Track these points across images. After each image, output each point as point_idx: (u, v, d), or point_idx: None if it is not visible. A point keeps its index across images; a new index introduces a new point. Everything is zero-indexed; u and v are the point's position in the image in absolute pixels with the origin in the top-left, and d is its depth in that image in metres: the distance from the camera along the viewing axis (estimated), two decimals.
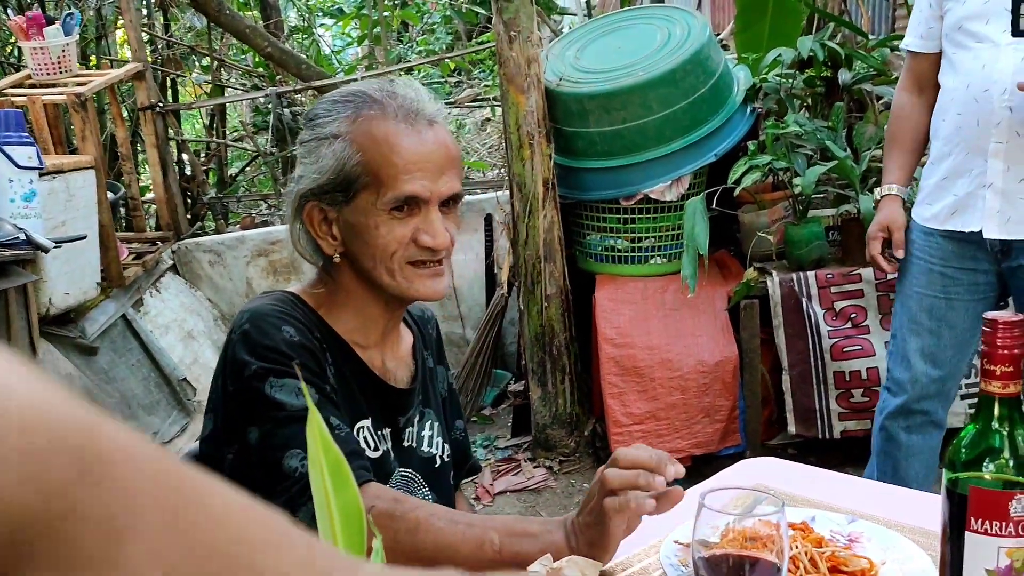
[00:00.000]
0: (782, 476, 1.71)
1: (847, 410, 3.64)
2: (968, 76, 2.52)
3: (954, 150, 2.59)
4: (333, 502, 0.72)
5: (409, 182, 1.44)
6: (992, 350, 1.06)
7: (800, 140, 3.69)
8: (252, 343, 1.42)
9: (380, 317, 1.55)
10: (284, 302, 1.51)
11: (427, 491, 1.60)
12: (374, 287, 1.51)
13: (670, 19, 3.96)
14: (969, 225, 2.58)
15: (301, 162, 1.51)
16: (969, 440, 1.09)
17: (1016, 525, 1.05)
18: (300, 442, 1.35)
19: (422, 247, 1.47)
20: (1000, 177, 2.51)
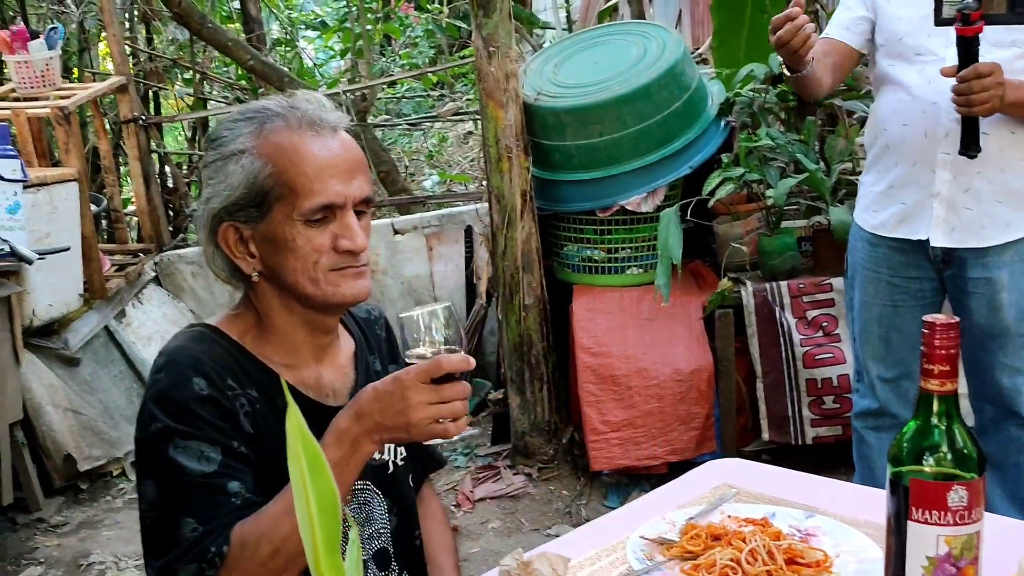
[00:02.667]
0: (747, 476, 1.77)
1: (819, 416, 3.72)
2: (913, 89, 2.60)
3: (900, 160, 2.67)
4: (311, 491, 0.76)
5: (323, 191, 1.44)
6: (931, 350, 1.13)
7: (773, 153, 3.77)
8: (161, 396, 1.42)
9: (307, 338, 1.54)
10: (202, 341, 1.49)
11: (382, 498, 1.61)
12: (297, 302, 1.50)
13: (646, 35, 4.04)
14: (916, 233, 2.66)
15: (207, 183, 1.48)
16: (910, 436, 1.16)
17: (954, 514, 1.12)
18: (195, 510, 1.38)
19: (342, 252, 1.47)
20: (947, 187, 2.59)
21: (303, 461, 0.79)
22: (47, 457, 4.17)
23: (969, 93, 2.39)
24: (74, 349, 4.39)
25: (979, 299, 2.65)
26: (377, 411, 1.37)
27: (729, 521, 1.51)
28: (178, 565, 1.37)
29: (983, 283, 2.63)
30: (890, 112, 2.68)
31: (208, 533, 1.37)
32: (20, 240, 3.81)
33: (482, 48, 3.96)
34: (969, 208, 2.60)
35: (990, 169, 2.57)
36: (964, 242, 2.62)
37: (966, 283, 2.66)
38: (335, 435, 1.38)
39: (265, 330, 1.53)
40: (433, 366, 1.36)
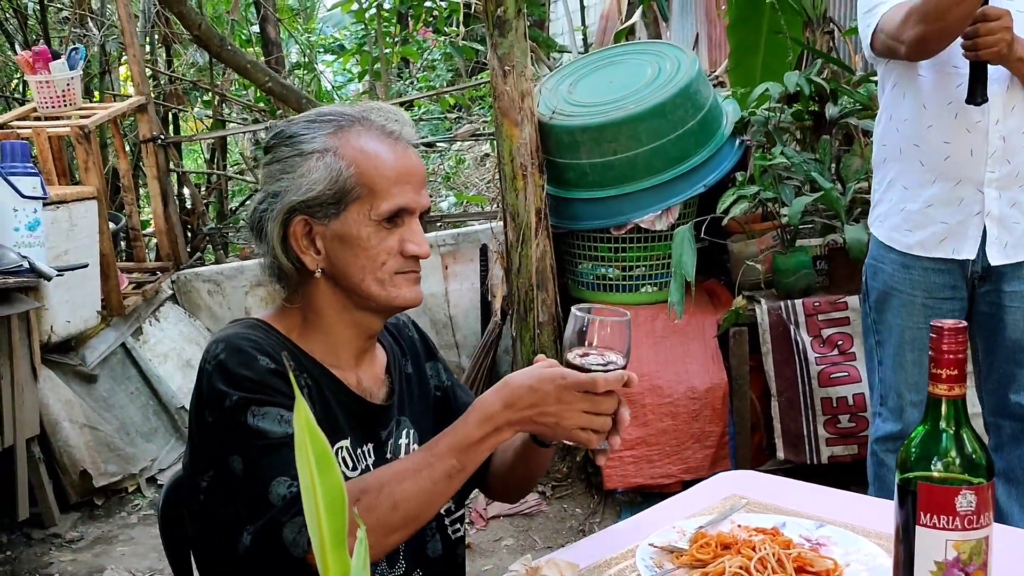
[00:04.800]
0: (757, 487, 1.77)
1: (834, 435, 3.70)
2: (954, 105, 2.53)
3: (939, 178, 2.60)
4: (319, 486, 0.77)
5: (400, 195, 1.50)
6: (939, 355, 1.13)
7: (788, 172, 3.77)
8: (229, 373, 1.43)
9: (353, 339, 1.57)
10: (255, 329, 1.52)
11: None
12: (353, 303, 1.53)
13: (660, 55, 4.07)
14: (961, 253, 2.61)
15: (278, 178, 1.52)
16: (919, 440, 1.16)
17: (962, 519, 1.12)
18: (286, 469, 1.38)
19: (408, 257, 1.52)
20: (995, 204, 2.56)
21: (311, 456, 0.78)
22: (63, 473, 4.19)
23: (975, 36, 2.34)
24: (91, 365, 4.42)
25: (1015, 312, 2.62)
26: (528, 405, 1.40)
27: (739, 530, 1.50)
28: (283, 519, 1.35)
29: (1020, 296, 2.61)
30: (925, 128, 2.60)
31: None
32: (39, 257, 3.85)
33: (497, 67, 3.99)
34: (1017, 223, 2.58)
35: None
36: (1016, 257, 2.59)
37: (1002, 297, 2.63)
38: (481, 415, 1.41)
39: (311, 328, 1.56)
40: (590, 382, 1.39)
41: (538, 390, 1.40)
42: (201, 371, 1.48)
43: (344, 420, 1.54)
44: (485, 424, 1.40)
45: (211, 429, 1.45)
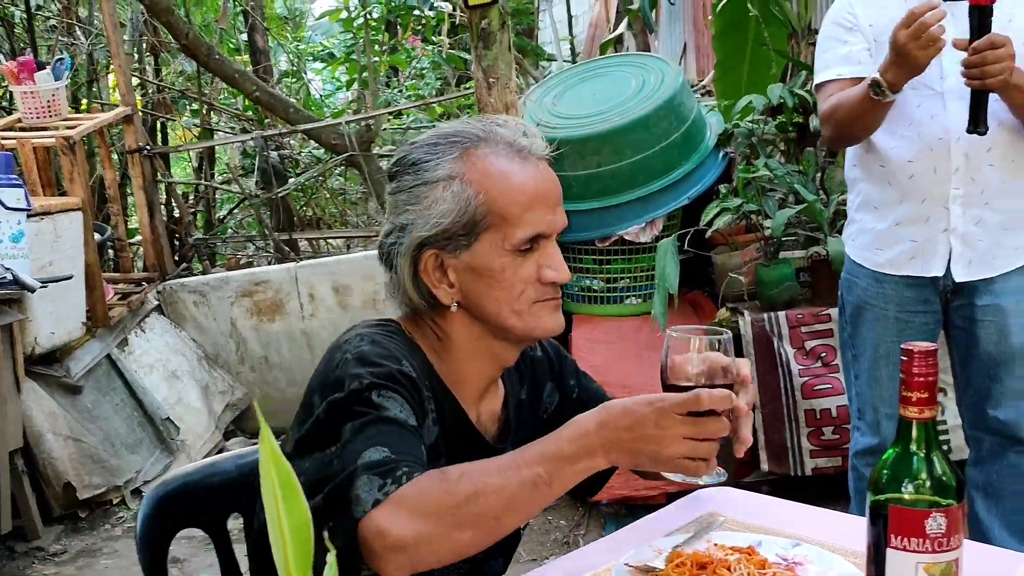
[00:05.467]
0: (735, 504, 1.77)
1: (818, 447, 3.71)
2: (918, 125, 2.57)
3: (906, 197, 2.63)
4: (284, 515, 0.76)
5: (534, 220, 1.41)
6: (909, 378, 1.14)
7: (771, 184, 3.79)
8: (368, 361, 1.37)
9: (486, 371, 1.51)
10: (397, 335, 1.46)
11: None
12: (491, 334, 1.47)
13: (645, 67, 4.08)
14: (929, 270, 2.63)
15: (405, 209, 1.44)
16: (890, 463, 1.16)
17: (932, 541, 1.12)
18: (390, 443, 1.30)
19: (546, 283, 1.44)
20: (960, 221, 2.59)
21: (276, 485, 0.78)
22: (47, 485, 4.17)
23: (983, 64, 2.35)
24: (76, 377, 4.41)
25: (988, 326, 2.64)
26: (624, 428, 1.28)
27: (715, 549, 1.51)
28: (360, 474, 1.27)
29: (992, 310, 2.63)
30: (890, 148, 2.63)
31: (399, 459, 1.29)
32: (23, 268, 3.84)
33: (482, 79, 4.00)
34: (982, 240, 2.60)
35: (995, 199, 2.58)
36: (981, 273, 2.62)
37: (975, 311, 2.65)
38: (575, 431, 1.31)
39: (447, 353, 1.49)
40: (693, 400, 1.26)
41: (634, 412, 1.28)
42: (333, 358, 1.41)
43: (462, 452, 1.45)
44: (577, 441, 1.29)
45: (333, 406, 1.36)
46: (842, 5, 2.72)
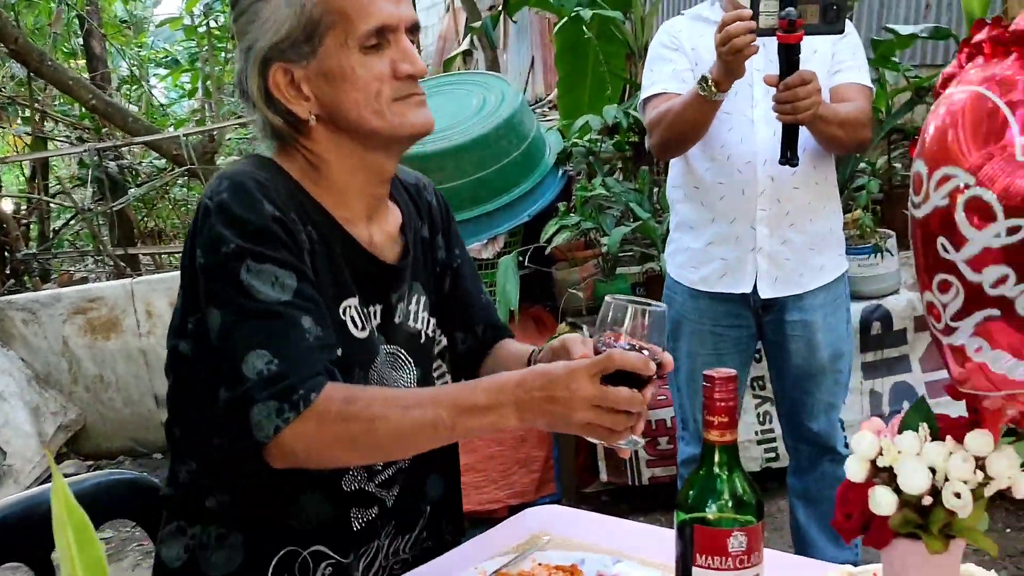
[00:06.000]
0: (562, 522, 1.80)
1: (654, 457, 3.82)
2: (728, 148, 2.68)
3: (718, 218, 2.74)
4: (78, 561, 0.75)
5: (376, 12, 1.38)
6: (711, 403, 1.19)
7: (608, 201, 3.89)
8: (231, 215, 1.34)
9: (365, 187, 1.48)
10: (265, 169, 1.42)
11: (412, 367, 1.55)
12: (358, 144, 1.43)
13: (485, 86, 4.13)
14: (739, 287, 2.75)
15: (245, 32, 1.41)
16: (695, 484, 1.21)
17: (735, 560, 1.17)
18: (267, 341, 1.31)
19: (403, 78, 1.40)
20: (766, 241, 2.71)
21: (69, 531, 0.77)
22: None
23: (793, 100, 2.45)
24: None
25: (798, 341, 2.78)
26: (537, 388, 1.27)
27: (539, 569, 1.54)
28: (257, 396, 1.29)
29: (800, 326, 2.76)
30: (703, 170, 2.74)
31: (289, 372, 1.30)
32: None
33: None
34: (788, 259, 2.73)
35: (801, 220, 2.71)
36: (787, 291, 2.74)
37: (785, 327, 2.78)
38: (492, 385, 1.31)
39: (322, 176, 1.46)
40: (606, 360, 1.25)
41: (549, 373, 1.27)
42: (200, 206, 1.38)
43: (351, 277, 1.45)
44: (493, 394, 1.29)
45: (203, 272, 1.35)
46: (667, 28, 2.84)
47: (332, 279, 1.43)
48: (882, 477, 1.05)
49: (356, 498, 1.48)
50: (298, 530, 1.45)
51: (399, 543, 1.59)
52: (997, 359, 0.92)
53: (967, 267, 0.91)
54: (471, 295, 1.69)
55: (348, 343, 1.41)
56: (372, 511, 1.50)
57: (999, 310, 0.90)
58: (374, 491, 1.51)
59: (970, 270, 0.91)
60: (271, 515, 1.45)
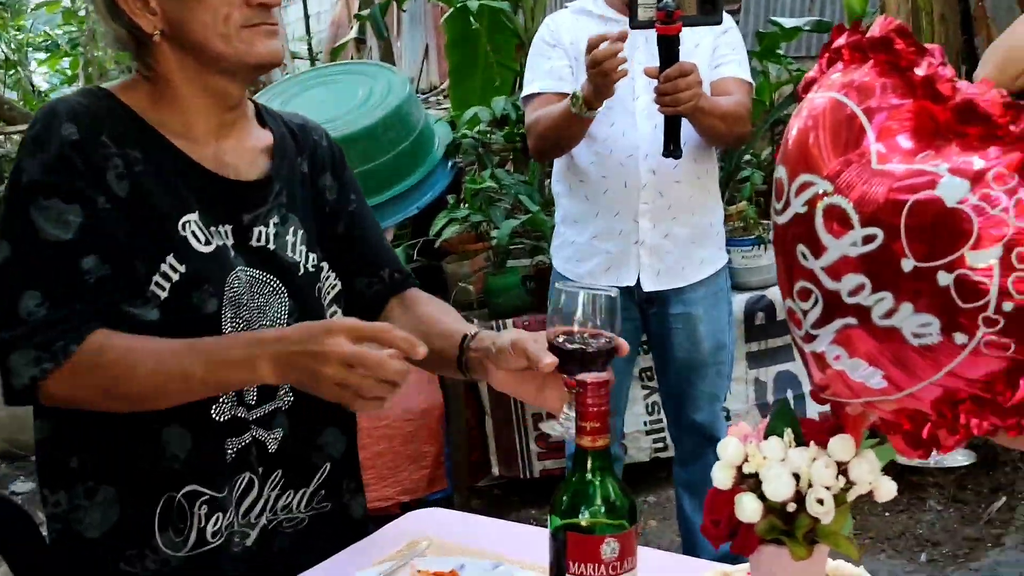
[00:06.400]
0: (443, 526, 1.78)
1: (545, 450, 3.83)
2: (610, 142, 2.70)
3: (602, 211, 2.76)
4: None
5: None
6: (583, 409, 1.17)
7: (498, 194, 3.87)
8: (32, 141, 1.37)
9: (209, 108, 1.46)
10: (88, 95, 1.42)
11: (286, 297, 1.50)
12: (203, 66, 1.41)
13: (372, 76, 4.07)
14: (623, 280, 2.75)
15: None
16: (569, 490, 1.20)
17: (607, 566, 1.16)
18: (42, 282, 1.32)
19: (255, 6, 1.39)
20: (649, 234, 2.73)
21: None
22: None
23: (675, 92, 2.46)
24: None
25: (680, 334, 2.80)
26: (295, 341, 1.29)
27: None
28: (16, 344, 1.32)
29: (683, 318, 2.79)
30: (587, 164, 2.75)
31: (56, 320, 1.32)
32: None
33: None
34: (670, 252, 2.75)
35: (683, 214, 2.73)
36: (669, 284, 2.77)
37: (668, 319, 2.81)
38: (252, 339, 1.35)
39: (164, 99, 1.44)
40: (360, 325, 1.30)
41: (311, 327, 1.31)
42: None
43: (190, 194, 1.42)
44: (248, 348, 1.32)
45: (3, 203, 1.38)
46: (548, 23, 2.85)
47: (167, 196, 1.41)
48: (748, 483, 1.05)
49: (228, 428, 1.45)
50: (168, 472, 1.42)
51: (292, 498, 1.54)
52: (856, 367, 0.92)
53: (826, 275, 0.91)
54: (372, 240, 1.68)
55: (191, 257, 1.40)
56: (244, 439, 1.47)
57: (856, 319, 0.89)
58: (251, 426, 1.47)
59: (828, 278, 0.91)
60: (136, 460, 1.42)
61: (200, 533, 1.44)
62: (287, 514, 1.55)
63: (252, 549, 1.50)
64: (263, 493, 1.50)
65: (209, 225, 1.44)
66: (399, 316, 1.65)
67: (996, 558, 3.32)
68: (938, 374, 0.87)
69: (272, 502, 1.52)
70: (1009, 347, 0.83)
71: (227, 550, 1.47)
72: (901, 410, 0.94)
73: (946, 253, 0.82)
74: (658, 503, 3.88)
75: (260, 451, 1.49)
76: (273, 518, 1.53)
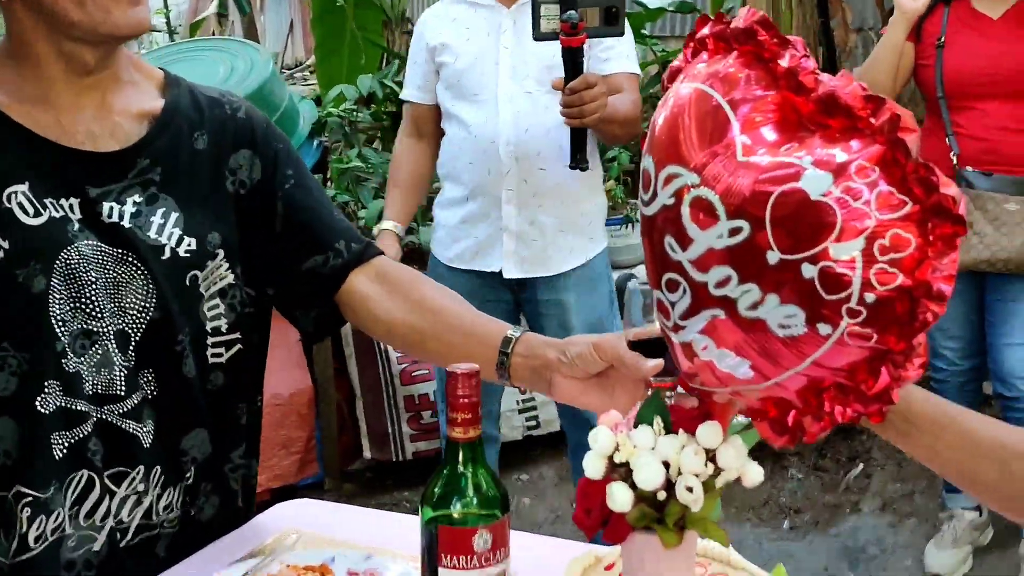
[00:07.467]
0: (312, 517, 1.74)
1: (418, 431, 3.81)
2: (474, 128, 2.69)
3: (470, 196, 2.76)
4: None
5: None
6: (454, 400, 1.15)
7: (365, 173, 3.81)
8: None
9: (61, 74, 1.34)
10: None
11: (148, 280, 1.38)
12: (60, 31, 1.31)
13: (233, 53, 3.94)
14: (490, 266, 2.77)
15: None
16: (440, 482, 1.19)
17: (480, 558, 1.15)
18: None
19: None
20: (513, 220, 2.73)
21: None
22: None
23: (581, 104, 2.46)
24: None
25: (551, 320, 2.81)
26: None
27: (288, 571, 1.48)
28: None
29: (554, 305, 2.80)
30: (457, 149, 2.75)
31: None
32: None
33: None
34: (536, 240, 2.75)
35: (551, 202, 2.73)
36: (533, 272, 2.77)
37: (539, 306, 2.81)
38: None
39: (21, 62, 1.34)
40: None
41: None
42: None
43: (19, 164, 1.32)
44: None
45: None
46: (419, 22, 2.88)
47: None
48: (619, 472, 1.05)
49: (57, 420, 1.34)
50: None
51: (172, 496, 1.46)
52: (723, 357, 0.93)
53: (693, 267, 0.91)
54: (320, 214, 1.54)
55: (15, 231, 1.30)
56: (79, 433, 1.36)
57: (723, 310, 0.90)
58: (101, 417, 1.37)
59: (696, 270, 0.91)
60: None
61: (22, 539, 1.34)
62: (168, 514, 1.46)
63: (100, 554, 1.39)
64: (116, 492, 1.39)
65: (43, 197, 1.33)
66: (376, 296, 1.53)
67: (855, 523, 3.47)
68: (803, 364, 0.88)
69: (132, 504, 1.42)
70: (871, 337, 0.85)
71: (58, 557, 1.36)
72: (767, 398, 0.95)
73: (811, 245, 0.83)
74: (531, 481, 3.91)
75: (129, 446, 1.39)
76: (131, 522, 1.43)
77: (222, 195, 1.47)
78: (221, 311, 1.47)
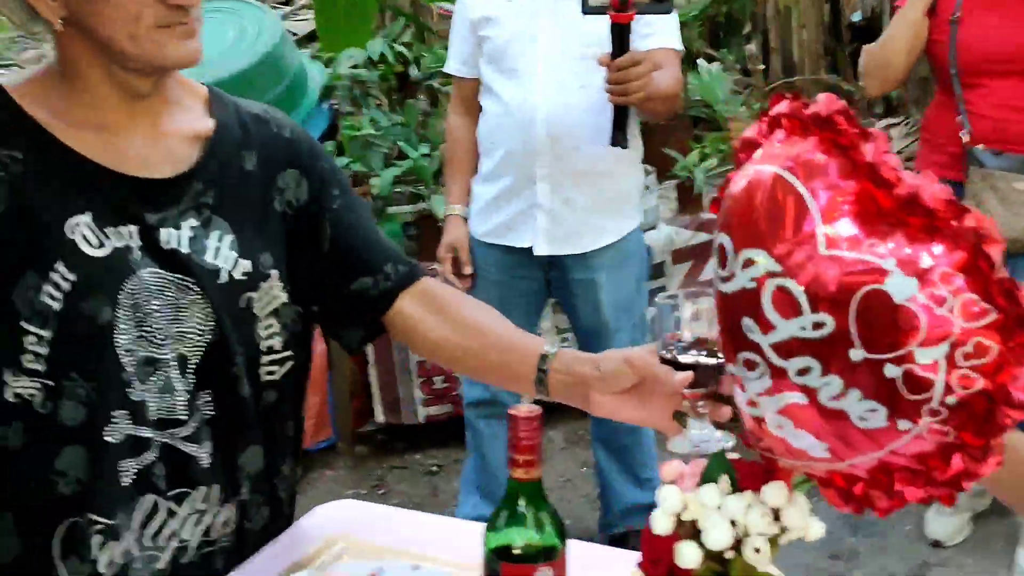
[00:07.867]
0: (359, 521, 1.76)
1: (430, 396, 3.85)
2: (511, 104, 2.70)
3: (504, 172, 2.77)
4: None
5: None
6: (516, 442, 1.18)
7: (376, 139, 3.79)
8: None
9: (111, 96, 1.35)
10: None
11: (205, 303, 1.39)
12: (110, 58, 1.31)
13: (240, 14, 3.89)
14: (521, 242, 2.79)
15: None
16: (500, 522, 1.22)
17: None
18: None
19: (172, 6, 1.27)
20: (547, 198, 2.74)
21: None
22: None
23: (626, 81, 2.46)
24: None
25: (582, 299, 2.84)
26: None
27: None
28: None
29: (585, 284, 2.83)
30: (496, 125, 2.76)
31: None
32: None
33: None
34: (568, 218, 2.77)
35: (585, 181, 2.74)
36: (564, 249, 2.79)
37: (571, 285, 2.84)
38: None
39: (72, 88, 1.34)
40: None
41: None
42: None
43: (80, 194, 1.33)
44: None
45: None
46: None
47: (54, 197, 1.32)
48: (685, 528, 1.09)
49: (124, 448, 1.36)
50: (69, 497, 1.35)
51: (231, 513, 1.49)
52: (799, 437, 0.95)
53: (773, 352, 0.93)
54: (367, 236, 1.57)
55: (80, 263, 1.31)
56: (146, 459, 1.39)
57: (805, 397, 0.92)
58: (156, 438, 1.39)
59: (776, 355, 0.93)
60: (33, 482, 1.35)
61: (93, 565, 1.38)
62: (225, 529, 1.49)
63: (164, 573, 1.43)
64: (178, 513, 1.43)
65: (105, 226, 1.34)
66: (422, 316, 1.56)
67: None
68: (880, 452, 0.91)
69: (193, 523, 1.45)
70: (949, 433, 0.88)
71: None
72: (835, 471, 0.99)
73: (895, 347, 0.85)
74: None
75: (190, 467, 1.42)
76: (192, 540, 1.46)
77: (271, 215, 1.48)
78: (276, 330, 1.48)
